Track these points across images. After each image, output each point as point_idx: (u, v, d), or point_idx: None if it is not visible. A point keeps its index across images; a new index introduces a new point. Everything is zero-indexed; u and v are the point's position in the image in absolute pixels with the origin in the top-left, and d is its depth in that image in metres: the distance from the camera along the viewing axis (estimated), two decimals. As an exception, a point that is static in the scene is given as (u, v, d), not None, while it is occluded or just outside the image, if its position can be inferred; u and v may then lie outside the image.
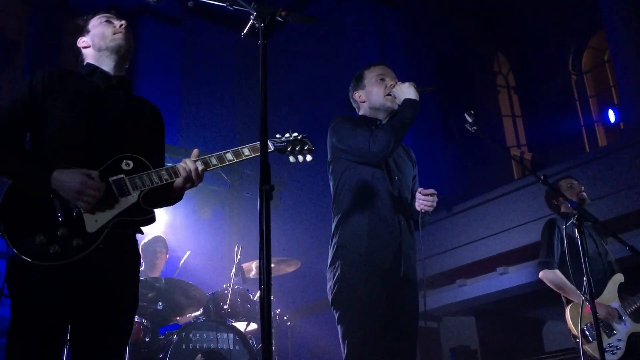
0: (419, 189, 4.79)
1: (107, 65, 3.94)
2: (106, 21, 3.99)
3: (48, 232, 3.37)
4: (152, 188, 3.67)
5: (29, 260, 3.31)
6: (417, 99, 4.82)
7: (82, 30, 4.04)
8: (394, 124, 4.78)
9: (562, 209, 6.92)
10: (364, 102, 5.15)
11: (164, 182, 3.70)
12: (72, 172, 3.46)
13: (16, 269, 3.43)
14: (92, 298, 3.52)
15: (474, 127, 4.86)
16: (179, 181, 3.73)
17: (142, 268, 8.00)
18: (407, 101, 4.81)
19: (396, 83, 5.07)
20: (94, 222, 3.47)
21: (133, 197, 3.60)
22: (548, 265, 6.66)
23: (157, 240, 8.36)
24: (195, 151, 3.84)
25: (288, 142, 4.20)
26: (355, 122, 4.98)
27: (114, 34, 3.95)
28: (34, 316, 3.39)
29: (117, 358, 3.67)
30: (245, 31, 3.42)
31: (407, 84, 4.88)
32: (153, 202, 3.72)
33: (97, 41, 3.95)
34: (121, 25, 3.99)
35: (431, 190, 4.74)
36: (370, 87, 5.11)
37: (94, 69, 3.92)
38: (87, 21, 4.05)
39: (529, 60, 17.34)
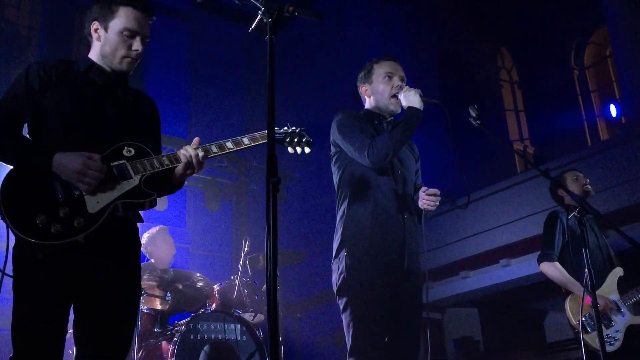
0: (423, 188, 4.82)
1: (106, 66, 3.91)
2: (128, 36, 3.86)
3: (49, 213, 3.41)
4: (153, 173, 3.72)
5: (30, 240, 3.35)
6: (422, 108, 4.85)
7: (106, 18, 3.88)
8: (395, 134, 4.80)
9: (566, 201, 6.94)
10: (370, 97, 5.19)
11: (165, 167, 3.74)
12: (74, 154, 3.50)
13: (18, 249, 3.49)
14: (93, 279, 3.58)
15: (478, 122, 4.90)
16: (180, 167, 3.78)
17: (152, 260, 8.10)
18: (411, 110, 4.83)
19: (404, 82, 5.12)
20: (95, 203, 3.52)
21: (134, 180, 3.65)
22: (548, 258, 6.69)
23: (160, 230, 8.40)
24: (196, 139, 3.89)
25: (286, 134, 4.26)
26: (357, 121, 5.01)
27: (123, 57, 3.87)
28: (35, 296, 3.45)
29: (121, 342, 3.72)
30: (253, 26, 3.41)
31: (413, 91, 4.88)
32: (154, 189, 3.75)
33: (107, 50, 3.88)
34: (136, 50, 3.88)
35: (435, 190, 4.76)
36: (377, 83, 5.12)
37: (91, 65, 3.91)
38: (113, 12, 3.88)
39: (532, 55, 17.33)
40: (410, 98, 4.86)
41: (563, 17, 16.32)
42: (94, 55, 3.96)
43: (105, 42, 3.89)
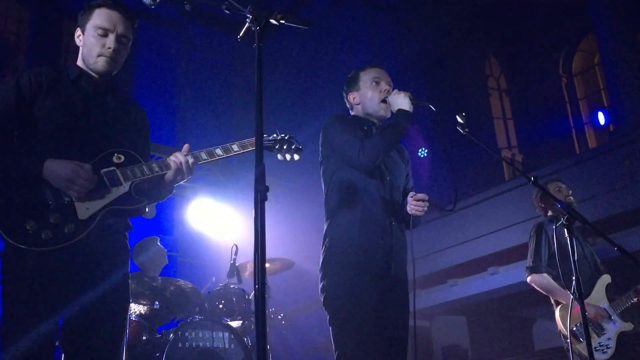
0: (411, 194, 4.80)
1: (90, 71, 3.94)
2: (101, 34, 3.87)
3: (39, 219, 3.42)
4: (143, 180, 3.74)
5: (21, 246, 3.36)
6: (411, 110, 4.84)
7: (84, 22, 3.94)
8: (385, 135, 4.78)
9: (549, 212, 6.98)
10: (358, 104, 5.16)
11: (155, 173, 3.77)
12: (64, 161, 3.51)
13: (8, 256, 3.49)
14: (83, 286, 3.58)
15: (466, 129, 4.88)
16: (170, 174, 3.80)
17: (142, 270, 8.06)
18: (400, 112, 4.81)
19: (391, 87, 5.10)
20: (85, 209, 3.53)
21: (124, 187, 3.67)
22: (536, 270, 6.72)
23: (151, 240, 8.37)
24: (186, 146, 3.92)
25: (275, 140, 4.28)
26: (347, 125, 4.98)
27: (98, 55, 3.87)
28: (25, 303, 3.45)
29: (110, 350, 3.71)
30: (241, 34, 3.43)
31: (402, 94, 4.87)
32: (144, 195, 3.78)
33: (85, 52, 3.92)
34: (109, 48, 3.87)
35: (423, 196, 4.74)
36: (365, 90, 5.10)
37: (80, 74, 3.94)
38: (88, 15, 3.94)
39: (520, 63, 17.39)
40: (400, 101, 4.86)
41: (551, 25, 16.37)
42: (80, 62, 3.99)
43: (84, 44, 3.94)
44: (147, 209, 3.88)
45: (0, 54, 13.86)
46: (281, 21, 3.40)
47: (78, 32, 3.98)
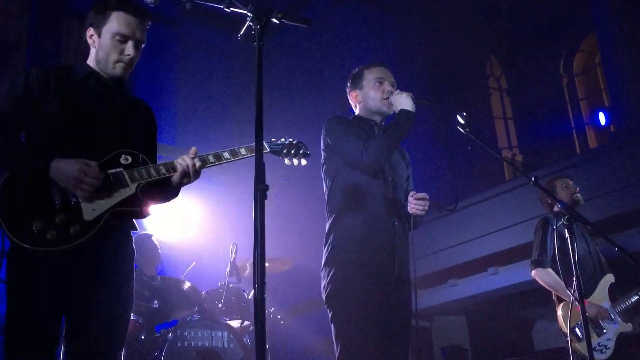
0: (411, 193, 4.81)
1: (102, 72, 3.92)
2: (119, 41, 3.85)
3: (45, 219, 3.42)
4: (149, 182, 3.74)
5: (25, 245, 3.36)
6: (414, 110, 4.85)
7: (99, 24, 3.89)
8: (388, 135, 4.80)
9: (555, 208, 6.96)
10: (361, 102, 5.18)
11: (161, 176, 3.76)
12: (71, 161, 3.51)
13: (13, 255, 3.50)
14: (87, 287, 3.59)
15: (467, 129, 4.88)
16: (176, 176, 3.79)
17: (138, 267, 8.05)
18: (403, 112, 4.82)
19: (394, 87, 5.10)
20: (91, 210, 3.53)
21: (131, 189, 3.66)
22: (540, 264, 6.70)
23: (146, 237, 8.36)
24: (193, 149, 3.90)
25: (284, 145, 4.29)
26: (349, 126, 5.00)
27: (116, 62, 3.87)
28: (29, 302, 3.46)
29: (112, 349, 3.71)
30: (241, 33, 3.45)
31: (405, 94, 4.89)
32: (150, 197, 3.78)
33: (101, 55, 3.89)
34: (128, 55, 3.87)
35: (423, 195, 4.76)
36: (367, 89, 5.13)
37: (89, 73, 3.92)
38: (105, 17, 3.89)
39: (521, 63, 17.36)
40: (402, 101, 4.87)
41: (552, 25, 16.34)
42: (91, 61, 3.98)
43: (99, 47, 3.91)
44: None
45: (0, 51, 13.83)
46: (282, 20, 3.39)
47: (91, 31, 3.94)
